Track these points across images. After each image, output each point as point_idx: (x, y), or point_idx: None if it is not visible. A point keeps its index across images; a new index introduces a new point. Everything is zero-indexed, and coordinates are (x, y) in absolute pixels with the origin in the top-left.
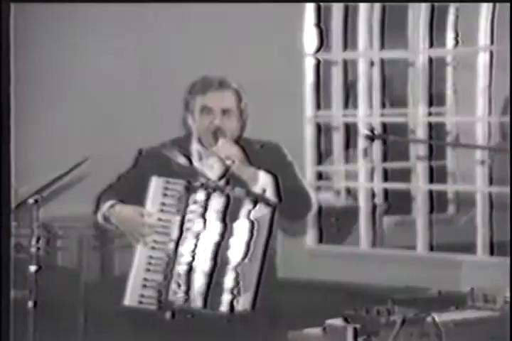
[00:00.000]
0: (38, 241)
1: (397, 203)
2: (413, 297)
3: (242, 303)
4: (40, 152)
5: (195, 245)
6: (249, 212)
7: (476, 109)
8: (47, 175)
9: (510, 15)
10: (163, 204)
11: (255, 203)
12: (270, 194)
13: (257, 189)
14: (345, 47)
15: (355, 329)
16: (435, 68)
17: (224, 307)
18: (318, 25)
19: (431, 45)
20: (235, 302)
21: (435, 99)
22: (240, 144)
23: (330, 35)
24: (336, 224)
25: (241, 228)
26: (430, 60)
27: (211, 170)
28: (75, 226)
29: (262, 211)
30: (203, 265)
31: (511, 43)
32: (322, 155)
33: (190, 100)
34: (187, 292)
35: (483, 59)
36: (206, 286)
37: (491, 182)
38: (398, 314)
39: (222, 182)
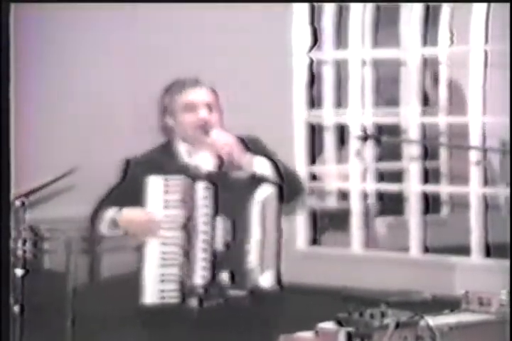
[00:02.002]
0: (24, 243)
1: (390, 204)
2: (407, 300)
3: (267, 280)
4: (31, 156)
5: (213, 231)
6: (255, 193)
7: (469, 109)
8: (35, 179)
9: (510, 16)
10: (165, 201)
11: (260, 185)
12: (270, 176)
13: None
14: (337, 46)
15: (348, 333)
16: (428, 67)
17: (250, 286)
18: (310, 24)
19: (424, 44)
20: (259, 280)
21: (428, 98)
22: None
23: (322, 34)
24: (329, 226)
25: (250, 210)
26: (423, 59)
27: (203, 163)
28: (63, 229)
29: (267, 191)
30: (222, 249)
31: (511, 43)
32: (315, 156)
33: (169, 102)
34: (213, 276)
35: (476, 58)
36: (230, 269)
37: (485, 183)
38: (392, 317)
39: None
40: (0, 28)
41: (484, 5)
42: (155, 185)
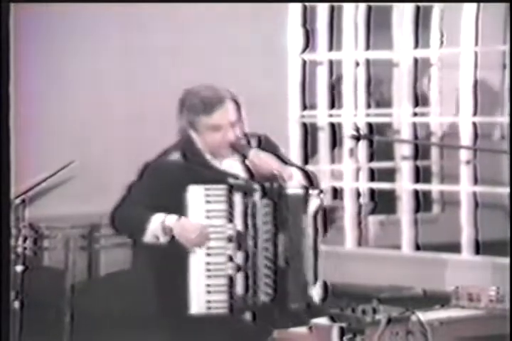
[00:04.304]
0: (24, 241)
1: (383, 203)
2: (398, 296)
3: (318, 292)
4: (31, 154)
5: (274, 247)
6: (308, 207)
7: (460, 109)
8: (36, 177)
9: (510, 16)
10: (207, 211)
11: (310, 198)
12: (303, 184)
13: (295, 184)
14: (330, 47)
15: (340, 328)
16: (420, 68)
17: (316, 299)
18: (303, 25)
19: (416, 45)
20: (316, 295)
21: (420, 99)
22: (265, 148)
23: (315, 35)
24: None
25: (305, 223)
26: (415, 61)
27: (233, 169)
28: (62, 227)
29: (316, 203)
30: (283, 265)
31: (511, 43)
32: (308, 155)
33: (193, 120)
34: (275, 290)
35: (467, 59)
36: (291, 284)
37: (475, 181)
38: (383, 313)
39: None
40: (0, 28)
41: (474, 7)
42: (195, 194)
